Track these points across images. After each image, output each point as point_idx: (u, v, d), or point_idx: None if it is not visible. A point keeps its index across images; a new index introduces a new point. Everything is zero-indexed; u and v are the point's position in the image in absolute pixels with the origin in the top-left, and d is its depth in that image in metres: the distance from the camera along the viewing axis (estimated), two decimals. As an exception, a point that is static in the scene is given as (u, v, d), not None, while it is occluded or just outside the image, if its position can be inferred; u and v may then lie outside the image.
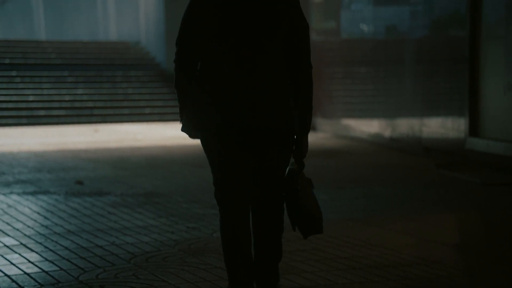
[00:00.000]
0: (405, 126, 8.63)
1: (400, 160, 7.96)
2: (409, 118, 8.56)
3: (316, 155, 8.41)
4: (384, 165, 7.55)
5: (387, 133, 9.06)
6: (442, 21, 8.10)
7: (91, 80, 14.10)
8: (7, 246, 4.20)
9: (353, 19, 10.21)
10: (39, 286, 3.48)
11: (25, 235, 4.47)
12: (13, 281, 3.56)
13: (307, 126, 2.91)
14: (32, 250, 4.10)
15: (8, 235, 4.46)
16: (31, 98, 13.18)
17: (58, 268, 3.76)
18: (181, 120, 2.95)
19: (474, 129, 7.29)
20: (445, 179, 6.58)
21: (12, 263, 3.85)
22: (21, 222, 4.83)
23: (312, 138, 10.15)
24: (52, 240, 4.32)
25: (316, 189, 3.16)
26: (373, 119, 9.45)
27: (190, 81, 2.88)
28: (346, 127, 10.10)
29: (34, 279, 3.58)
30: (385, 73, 9.23)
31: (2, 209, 5.26)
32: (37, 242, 4.29)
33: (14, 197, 5.77)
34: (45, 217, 4.98)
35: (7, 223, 4.79)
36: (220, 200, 2.94)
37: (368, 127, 9.54)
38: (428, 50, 8.22)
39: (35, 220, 4.89)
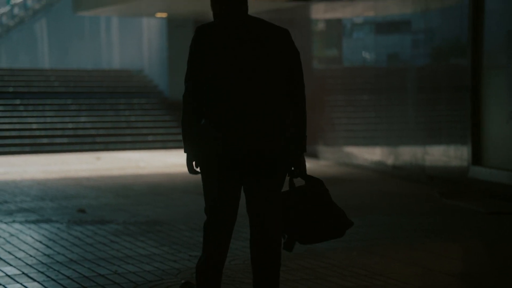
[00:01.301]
0: (408, 154, 8.63)
1: (403, 188, 7.94)
2: (412, 146, 8.56)
3: (318, 183, 8.39)
4: (387, 193, 7.53)
5: (389, 161, 9.05)
6: (443, 49, 8.15)
7: (94, 108, 14.16)
8: (9, 276, 4.17)
9: (355, 47, 10.28)
10: (41, 316, 3.46)
11: (27, 264, 4.45)
12: (14, 311, 3.54)
13: (304, 146, 3.15)
14: (34, 280, 4.08)
15: (10, 265, 4.44)
16: (34, 126, 13.22)
17: (60, 298, 3.73)
18: (187, 155, 3.15)
19: (477, 158, 7.28)
20: (448, 208, 6.55)
21: (13, 293, 3.83)
22: (23, 251, 4.82)
23: (314, 165, 10.17)
24: (54, 269, 4.30)
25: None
26: (376, 147, 9.45)
27: (197, 116, 3.11)
28: (349, 154, 10.10)
29: (36, 309, 3.56)
30: (387, 101, 9.26)
31: (4, 238, 5.25)
32: (39, 271, 4.27)
33: (17, 225, 5.76)
34: (47, 246, 4.97)
35: (9, 252, 4.77)
36: (209, 226, 3.16)
37: (370, 155, 9.54)
38: (430, 79, 8.25)
39: (37, 249, 4.87)
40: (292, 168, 3.17)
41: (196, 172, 3.17)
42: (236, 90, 3.06)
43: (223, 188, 3.10)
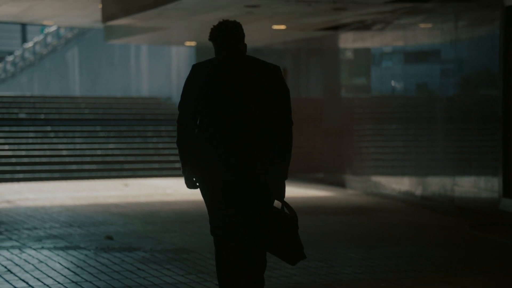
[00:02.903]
0: (437, 184, 8.54)
1: (432, 219, 7.83)
2: (441, 176, 8.47)
3: (345, 212, 8.33)
4: (415, 224, 7.43)
5: (418, 191, 8.96)
6: (473, 79, 8.09)
7: (122, 135, 14.31)
8: (37, 302, 4.19)
9: (383, 76, 10.26)
10: None
11: (55, 291, 4.47)
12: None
13: (286, 172, 3.55)
14: (62, 307, 4.09)
15: (38, 291, 4.46)
16: (64, 152, 13.39)
17: (87, 326, 3.74)
18: (184, 174, 3.57)
19: (508, 190, 7.17)
20: (478, 240, 6.44)
21: (41, 320, 3.84)
22: (52, 278, 4.84)
23: (342, 194, 10.10)
24: (82, 297, 4.31)
25: (345, 247, 3.28)
26: (404, 177, 9.36)
27: (190, 140, 3.53)
28: (376, 184, 10.03)
29: (63, 337, 3.56)
30: (416, 130, 9.20)
31: (33, 265, 5.29)
32: (66, 298, 4.28)
33: (45, 252, 5.80)
34: (75, 273, 4.99)
35: (38, 279, 4.80)
36: (218, 244, 3.59)
37: (398, 185, 9.46)
38: (459, 109, 8.19)
39: (65, 276, 4.89)
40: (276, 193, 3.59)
41: (196, 187, 3.56)
42: (228, 118, 3.47)
43: (227, 207, 3.52)
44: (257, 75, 3.52)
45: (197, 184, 3.58)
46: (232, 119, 3.47)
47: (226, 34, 3.56)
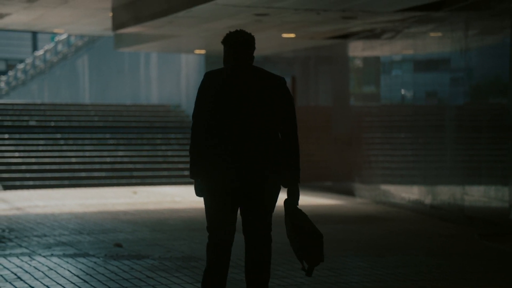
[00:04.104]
0: (446, 193, 8.50)
1: (441, 228, 7.80)
2: (450, 185, 8.44)
3: (354, 221, 8.31)
4: (425, 233, 7.40)
5: (427, 200, 8.93)
6: (483, 88, 8.07)
7: (131, 142, 14.35)
8: (46, 310, 4.20)
9: (393, 85, 10.26)
10: None
11: (64, 298, 4.48)
12: None
13: (298, 177, 3.69)
14: (71, 314, 4.10)
15: (48, 298, 4.48)
16: (73, 160, 13.44)
17: (95, 334, 3.74)
18: (194, 179, 3.74)
19: (518, 199, 7.13)
20: (489, 250, 6.41)
21: (50, 327, 3.85)
22: (61, 285, 4.86)
23: (351, 203, 10.08)
24: (91, 304, 4.32)
25: (354, 256, 3.26)
26: (413, 185, 9.34)
27: (200, 148, 3.66)
28: (385, 193, 10.00)
29: None
30: (425, 139, 9.18)
31: (43, 272, 5.31)
32: (75, 306, 4.29)
33: (55, 259, 5.82)
34: (84, 281, 5.00)
35: (47, 286, 4.82)
36: (212, 240, 3.76)
37: (408, 193, 9.43)
38: (469, 117, 8.17)
39: (74, 284, 4.91)
40: (286, 197, 3.69)
41: (204, 195, 3.73)
42: (236, 125, 3.61)
43: (224, 209, 3.67)
44: (262, 85, 3.69)
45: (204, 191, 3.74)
46: (238, 127, 3.62)
47: (236, 44, 3.74)
